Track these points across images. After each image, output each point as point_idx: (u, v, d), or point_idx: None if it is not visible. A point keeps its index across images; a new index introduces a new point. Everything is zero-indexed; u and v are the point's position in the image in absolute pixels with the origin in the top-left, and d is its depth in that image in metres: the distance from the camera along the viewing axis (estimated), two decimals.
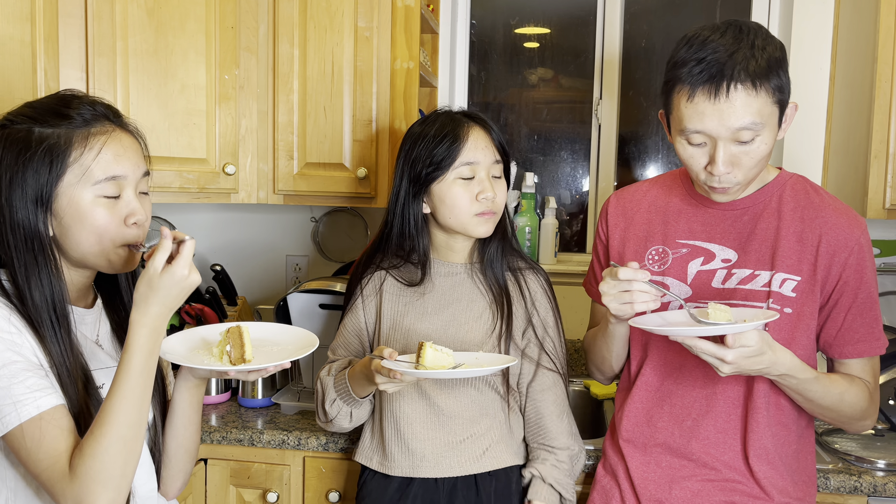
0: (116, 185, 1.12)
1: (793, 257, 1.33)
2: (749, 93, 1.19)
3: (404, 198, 1.51)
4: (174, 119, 1.86)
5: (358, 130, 1.95)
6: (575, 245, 2.55)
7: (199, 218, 2.45)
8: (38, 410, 1.03)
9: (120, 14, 1.77)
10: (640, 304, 1.25)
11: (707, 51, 1.21)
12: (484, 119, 1.52)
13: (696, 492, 1.39)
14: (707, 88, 1.20)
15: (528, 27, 2.57)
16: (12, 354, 1.04)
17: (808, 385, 1.28)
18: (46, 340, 1.09)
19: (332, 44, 1.93)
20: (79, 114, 1.11)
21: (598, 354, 1.52)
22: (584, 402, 2.19)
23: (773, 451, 1.37)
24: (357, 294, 1.59)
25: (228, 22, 1.91)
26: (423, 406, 1.50)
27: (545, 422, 1.53)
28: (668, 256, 1.42)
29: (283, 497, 1.79)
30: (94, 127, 1.12)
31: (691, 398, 1.40)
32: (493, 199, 1.47)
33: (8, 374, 1.03)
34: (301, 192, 2.00)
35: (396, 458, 1.50)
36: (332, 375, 1.52)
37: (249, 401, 1.95)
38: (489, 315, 1.52)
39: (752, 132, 1.21)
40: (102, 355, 1.22)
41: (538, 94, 2.59)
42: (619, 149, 2.48)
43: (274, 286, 2.45)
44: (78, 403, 1.10)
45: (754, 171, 1.28)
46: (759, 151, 1.24)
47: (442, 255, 1.57)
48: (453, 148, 1.45)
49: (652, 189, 1.49)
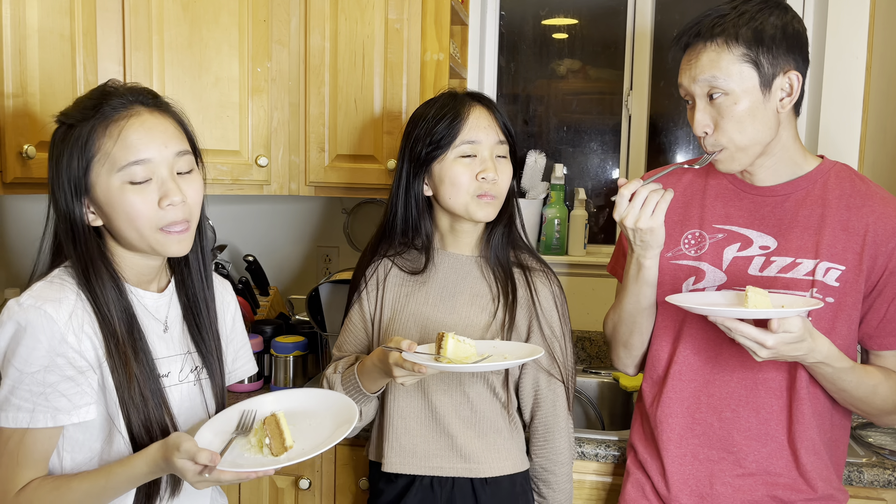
0: (145, 169, 1.11)
1: (838, 246, 1.31)
2: (715, 48, 1.27)
3: (406, 179, 1.46)
4: (208, 112, 1.89)
5: (388, 122, 1.96)
6: (603, 237, 2.54)
7: (232, 209, 2.48)
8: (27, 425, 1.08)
9: (156, 8, 1.80)
10: (662, 201, 1.30)
11: (703, 15, 1.31)
12: (487, 98, 1.48)
13: (737, 487, 1.37)
14: (681, 44, 1.32)
15: (557, 18, 2.56)
16: (54, 359, 1.09)
17: (843, 374, 1.27)
18: (106, 328, 1.13)
19: (362, 36, 1.94)
20: (109, 104, 1.12)
21: (626, 326, 1.46)
22: (612, 394, 2.19)
23: (819, 440, 1.35)
24: (362, 286, 1.53)
25: (261, 15, 1.93)
26: (420, 403, 1.46)
27: (551, 436, 1.49)
28: (706, 241, 1.40)
29: (315, 483, 1.82)
30: (119, 113, 1.12)
31: (730, 388, 1.37)
32: (495, 180, 1.42)
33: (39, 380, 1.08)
34: (332, 184, 2.02)
35: (392, 455, 1.46)
36: (339, 373, 1.47)
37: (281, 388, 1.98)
38: (492, 309, 1.47)
39: (718, 89, 1.27)
40: (170, 342, 1.23)
41: (567, 86, 2.58)
42: (650, 139, 2.47)
43: (305, 276, 2.48)
44: (129, 389, 1.13)
45: (738, 137, 1.29)
46: (732, 112, 1.27)
47: (448, 244, 1.52)
48: (453, 125, 1.41)
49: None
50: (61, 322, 1.08)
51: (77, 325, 1.10)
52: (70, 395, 1.09)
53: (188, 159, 1.17)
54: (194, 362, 1.26)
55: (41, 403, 1.07)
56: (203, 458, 1.02)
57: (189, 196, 1.15)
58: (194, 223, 1.18)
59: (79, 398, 1.10)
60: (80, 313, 1.11)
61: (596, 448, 1.67)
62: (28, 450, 1.09)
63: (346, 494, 1.81)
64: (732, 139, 1.29)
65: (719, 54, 1.27)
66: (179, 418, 1.22)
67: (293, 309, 2.30)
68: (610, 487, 1.69)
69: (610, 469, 1.68)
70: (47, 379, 1.08)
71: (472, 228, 1.50)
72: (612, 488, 1.69)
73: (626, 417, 2.11)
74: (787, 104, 1.29)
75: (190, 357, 1.25)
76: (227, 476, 1.06)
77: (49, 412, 1.08)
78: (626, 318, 1.46)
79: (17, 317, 1.08)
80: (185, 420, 1.23)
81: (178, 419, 1.21)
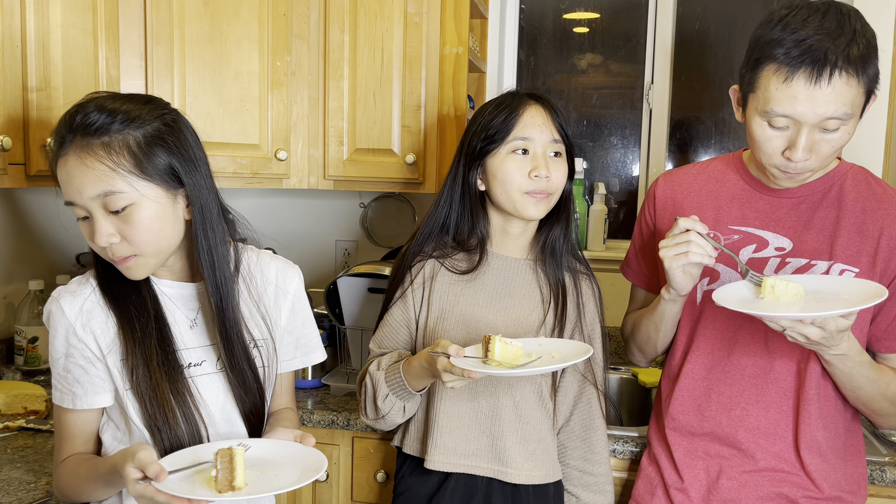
0: (79, 209, 1.11)
1: (852, 248, 1.30)
2: (849, 81, 1.15)
3: (461, 173, 1.46)
4: (228, 105, 1.90)
5: (407, 116, 1.96)
6: (623, 232, 2.53)
7: (252, 203, 2.50)
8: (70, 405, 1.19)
9: (177, 3, 1.81)
10: (695, 254, 1.23)
11: (808, 31, 1.15)
12: (546, 98, 1.46)
13: (743, 482, 1.37)
14: (808, 72, 1.14)
15: (578, 12, 2.54)
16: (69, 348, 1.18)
17: (861, 369, 1.26)
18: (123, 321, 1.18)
19: (381, 30, 1.94)
20: (58, 136, 1.11)
21: (643, 335, 1.48)
22: (631, 390, 2.18)
23: (825, 444, 1.34)
24: (407, 283, 1.50)
25: (281, 9, 1.94)
26: (467, 404, 1.44)
27: (588, 434, 1.49)
28: (721, 242, 1.39)
29: (333, 476, 1.83)
30: (60, 150, 1.10)
31: (741, 387, 1.38)
32: (548, 178, 1.40)
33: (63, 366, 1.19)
34: (351, 178, 2.02)
35: (436, 453, 1.44)
36: (382, 370, 1.43)
37: (300, 381, 2.00)
38: (541, 312, 1.46)
39: (840, 122, 1.17)
40: (199, 333, 1.25)
41: (587, 80, 2.56)
42: (671, 134, 2.44)
43: (324, 270, 2.50)
44: (148, 379, 1.16)
45: (829, 160, 1.24)
46: (839, 140, 1.20)
47: (499, 246, 1.49)
48: (508, 120, 1.40)
49: (704, 172, 1.46)
50: (71, 315, 1.17)
51: (85, 318, 1.17)
52: (82, 381, 1.18)
53: (117, 198, 1.09)
54: (217, 353, 1.26)
55: (65, 387, 1.19)
56: (152, 470, 0.99)
57: (129, 234, 1.11)
58: (148, 254, 1.14)
59: (90, 386, 1.18)
60: (90, 306, 1.18)
61: (613, 444, 1.66)
62: (66, 426, 1.21)
63: (363, 487, 1.82)
64: (823, 163, 1.24)
65: (852, 88, 1.15)
66: (214, 407, 1.23)
67: (312, 302, 2.31)
68: (625, 482, 1.68)
69: (626, 465, 1.68)
70: (67, 365, 1.18)
71: (523, 229, 1.48)
72: (627, 484, 1.68)
73: (644, 413, 2.09)
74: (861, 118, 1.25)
75: (213, 349, 1.26)
76: (161, 497, 1.00)
77: (69, 396, 1.19)
78: (642, 330, 1.48)
79: (47, 307, 1.19)
80: (220, 409, 1.24)
81: (212, 408, 1.23)
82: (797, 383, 1.34)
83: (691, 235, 1.24)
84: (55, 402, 1.21)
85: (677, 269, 1.27)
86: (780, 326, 1.17)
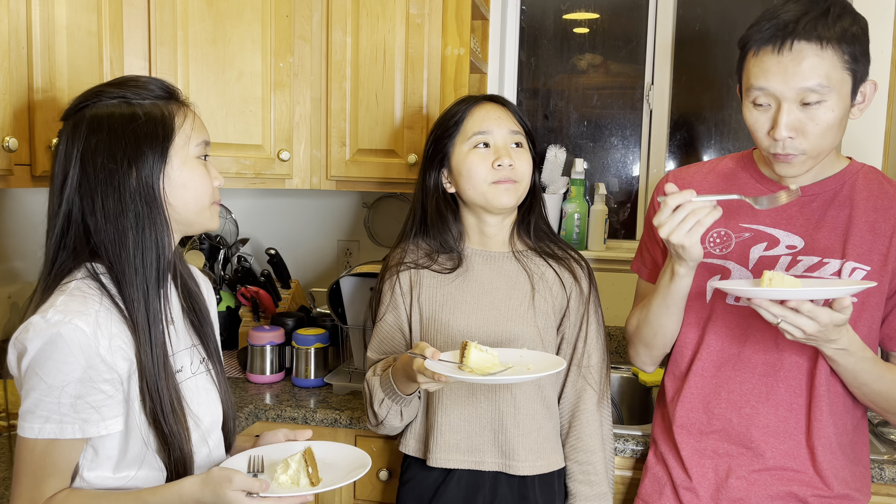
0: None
1: (864, 247, 1.31)
2: (819, 53, 1.17)
3: (426, 174, 1.52)
4: (231, 106, 1.91)
5: (408, 117, 1.97)
6: (624, 232, 2.54)
7: (255, 203, 2.51)
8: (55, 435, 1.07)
9: (181, 4, 1.83)
10: (707, 217, 1.20)
11: (779, 11, 1.20)
12: (500, 97, 1.53)
13: (752, 481, 1.37)
14: (773, 43, 1.20)
15: (578, 13, 2.55)
16: (86, 372, 1.07)
17: (865, 365, 1.26)
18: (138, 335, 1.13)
19: (383, 31, 1.95)
20: None
21: (654, 325, 1.44)
22: (631, 389, 2.19)
23: (835, 440, 1.34)
24: (395, 289, 1.53)
25: (283, 11, 1.95)
26: (466, 401, 1.47)
27: (577, 422, 1.51)
28: (731, 240, 1.39)
29: None
30: None
31: (750, 384, 1.37)
32: (511, 166, 1.43)
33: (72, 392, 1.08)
34: (353, 178, 2.03)
35: (438, 451, 1.47)
36: (377, 375, 1.47)
37: (303, 380, 2.01)
38: (530, 299, 1.49)
39: (817, 94, 1.18)
40: (177, 337, 1.22)
41: (588, 80, 2.57)
42: (671, 134, 2.46)
43: (326, 270, 2.51)
44: (159, 390, 1.13)
45: (820, 143, 1.23)
46: (824, 119, 1.20)
47: (479, 243, 1.53)
48: (462, 114, 1.48)
49: (714, 171, 1.47)
50: (91, 335, 1.07)
51: (105, 335, 1.08)
52: (99, 406, 1.08)
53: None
54: (200, 354, 1.27)
55: (69, 415, 1.07)
56: (257, 486, 1.06)
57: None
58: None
59: (107, 410, 1.09)
60: (106, 322, 1.09)
61: (615, 442, 1.67)
62: (54, 460, 1.09)
63: (366, 485, 1.83)
64: (815, 146, 1.24)
65: (823, 59, 1.18)
66: (198, 410, 1.21)
67: (314, 302, 2.33)
68: (630, 481, 1.69)
69: (630, 464, 1.69)
70: (79, 391, 1.07)
71: (499, 224, 1.52)
72: (631, 482, 1.69)
73: (645, 412, 2.10)
74: (857, 113, 1.25)
75: (196, 350, 1.26)
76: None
77: (78, 424, 1.08)
78: (651, 319, 1.45)
79: (45, 332, 1.06)
80: (203, 413, 1.22)
81: (197, 412, 1.21)
82: (808, 380, 1.34)
83: (689, 205, 1.22)
84: (41, 436, 1.07)
85: (695, 243, 1.25)
86: (773, 316, 1.16)
